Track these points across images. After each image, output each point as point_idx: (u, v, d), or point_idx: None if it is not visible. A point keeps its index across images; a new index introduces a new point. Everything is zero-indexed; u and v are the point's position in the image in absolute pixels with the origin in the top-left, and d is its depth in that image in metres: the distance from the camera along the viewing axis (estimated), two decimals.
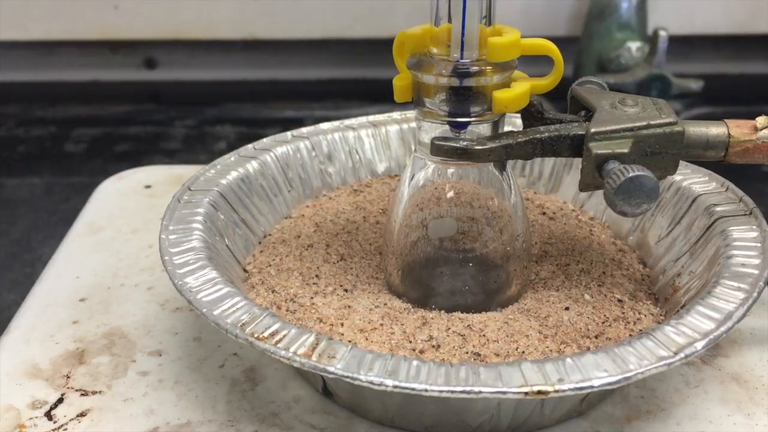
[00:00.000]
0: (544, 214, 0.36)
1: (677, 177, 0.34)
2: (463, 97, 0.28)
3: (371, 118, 0.40)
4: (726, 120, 0.29)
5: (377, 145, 0.39)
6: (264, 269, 0.32)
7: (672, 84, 0.71)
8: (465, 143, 0.28)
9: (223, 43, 0.85)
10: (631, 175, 0.25)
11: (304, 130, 0.38)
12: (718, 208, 0.31)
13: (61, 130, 0.81)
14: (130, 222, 0.41)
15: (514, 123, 0.37)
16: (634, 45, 0.74)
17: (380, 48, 0.82)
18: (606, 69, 0.75)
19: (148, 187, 0.44)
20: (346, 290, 0.31)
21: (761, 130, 0.28)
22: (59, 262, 0.38)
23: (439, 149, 0.28)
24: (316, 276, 0.31)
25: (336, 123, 0.39)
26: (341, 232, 0.34)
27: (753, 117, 0.80)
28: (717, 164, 0.31)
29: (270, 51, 0.87)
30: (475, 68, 0.28)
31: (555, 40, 0.73)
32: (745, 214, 0.30)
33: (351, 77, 0.90)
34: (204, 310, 0.26)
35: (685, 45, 0.87)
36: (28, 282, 0.54)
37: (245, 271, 0.32)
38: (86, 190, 0.68)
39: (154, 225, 0.41)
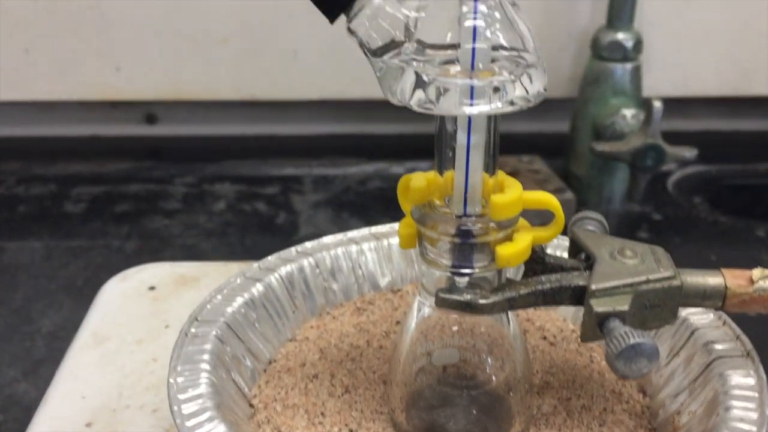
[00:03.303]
0: (544, 338, 0.37)
1: None
2: (467, 252, 0.29)
3: (374, 229, 0.41)
4: (722, 269, 0.30)
5: (379, 259, 0.40)
6: (270, 404, 0.32)
7: (666, 153, 0.72)
8: (469, 297, 0.28)
9: (223, 101, 0.86)
10: (632, 342, 0.26)
11: (308, 245, 0.39)
12: (717, 347, 0.32)
13: (61, 189, 0.82)
14: (134, 331, 0.41)
15: None
16: (629, 112, 0.75)
17: (378, 106, 0.84)
18: (601, 135, 0.76)
19: (152, 288, 0.45)
20: (351, 430, 0.31)
21: (757, 281, 0.29)
22: (65, 379, 0.38)
23: (444, 302, 0.28)
24: (322, 414, 0.32)
25: (339, 236, 0.40)
26: (345, 359, 0.35)
27: (748, 175, 0.81)
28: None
29: (268, 108, 0.89)
30: (478, 227, 0.28)
31: (552, 101, 0.74)
32: (742, 356, 0.31)
33: (348, 133, 0.91)
34: None
35: (679, 103, 0.88)
36: (27, 357, 0.55)
37: (251, 405, 0.33)
38: (85, 254, 0.69)
39: (159, 334, 0.42)
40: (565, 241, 0.32)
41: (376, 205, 0.79)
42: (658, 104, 0.70)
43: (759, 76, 0.86)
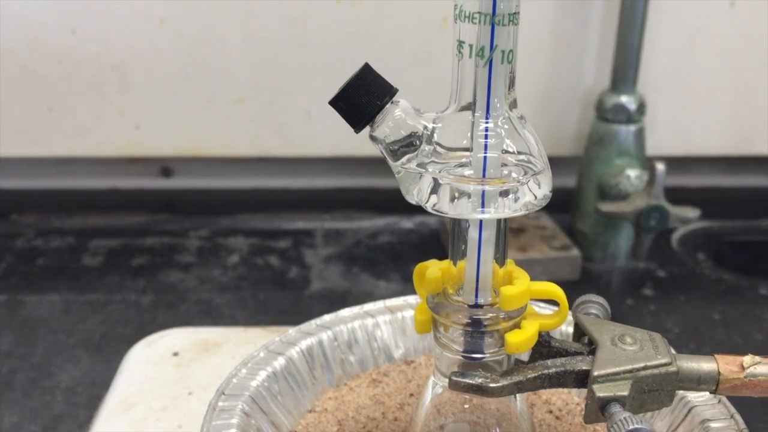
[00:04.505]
0: (550, 412, 0.39)
1: None
2: (478, 339, 0.31)
3: (388, 302, 0.43)
4: (716, 355, 0.32)
5: (394, 332, 0.42)
6: None
7: (670, 214, 0.74)
8: (480, 381, 0.30)
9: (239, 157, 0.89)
10: (630, 428, 0.28)
11: (326, 318, 0.41)
12: (713, 425, 0.34)
13: (79, 242, 0.84)
14: (159, 397, 0.43)
15: None
16: (633, 173, 0.77)
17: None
18: (606, 194, 0.78)
19: (175, 354, 0.47)
20: None
21: (748, 368, 0.31)
22: None
23: (457, 385, 0.31)
24: None
25: (356, 309, 0.42)
26: (362, 431, 0.37)
27: (750, 231, 0.82)
28: None
29: (281, 163, 0.91)
30: (488, 317, 0.31)
31: (558, 159, 0.77)
32: None
33: (359, 187, 0.93)
34: None
35: (683, 161, 0.90)
36: (47, 412, 0.57)
37: None
38: (103, 308, 0.71)
39: (183, 401, 0.44)
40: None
41: (386, 259, 0.81)
42: (661, 167, 0.72)
43: (760, 137, 0.88)
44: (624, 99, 0.78)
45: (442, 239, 0.85)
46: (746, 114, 0.87)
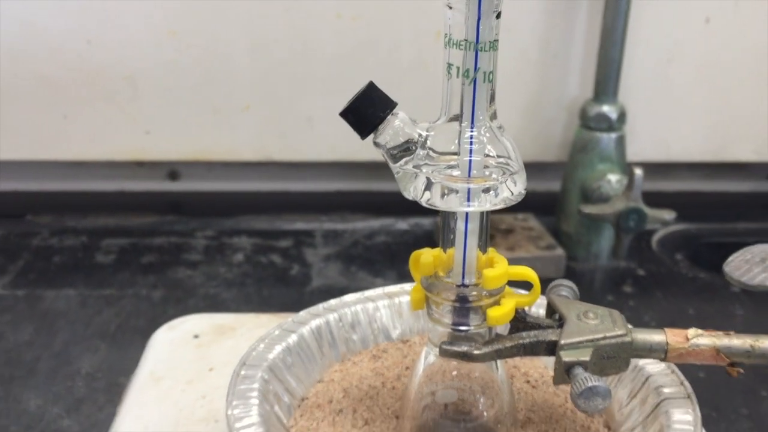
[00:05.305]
0: (528, 382, 0.44)
1: None
2: (464, 313, 0.37)
3: (387, 289, 0.48)
4: (666, 329, 0.37)
5: (392, 315, 0.48)
6: None
7: (647, 216, 0.79)
8: (466, 348, 0.36)
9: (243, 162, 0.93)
10: (590, 385, 0.33)
11: (332, 302, 0.47)
12: (665, 390, 0.39)
13: (92, 241, 0.89)
14: (184, 372, 0.49)
15: None
16: (614, 177, 0.82)
17: (384, 167, 0.91)
18: (589, 197, 0.83)
19: (196, 336, 0.52)
20: None
21: (692, 339, 0.36)
22: (130, 412, 0.46)
23: (446, 352, 0.36)
24: None
25: (358, 295, 0.48)
26: (365, 397, 0.43)
27: (726, 233, 0.88)
28: None
29: (282, 166, 0.96)
30: (473, 294, 0.36)
31: (544, 164, 0.82)
32: (684, 397, 0.39)
33: (356, 190, 0.98)
34: None
35: (662, 167, 0.95)
36: (69, 396, 0.62)
37: None
38: (116, 302, 0.76)
39: (205, 376, 0.49)
40: (545, 300, 0.40)
41: (382, 258, 0.86)
42: (639, 172, 0.77)
43: (735, 144, 0.93)
44: (606, 108, 0.83)
45: (435, 239, 0.90)
46: (721, 123, 0.92)
